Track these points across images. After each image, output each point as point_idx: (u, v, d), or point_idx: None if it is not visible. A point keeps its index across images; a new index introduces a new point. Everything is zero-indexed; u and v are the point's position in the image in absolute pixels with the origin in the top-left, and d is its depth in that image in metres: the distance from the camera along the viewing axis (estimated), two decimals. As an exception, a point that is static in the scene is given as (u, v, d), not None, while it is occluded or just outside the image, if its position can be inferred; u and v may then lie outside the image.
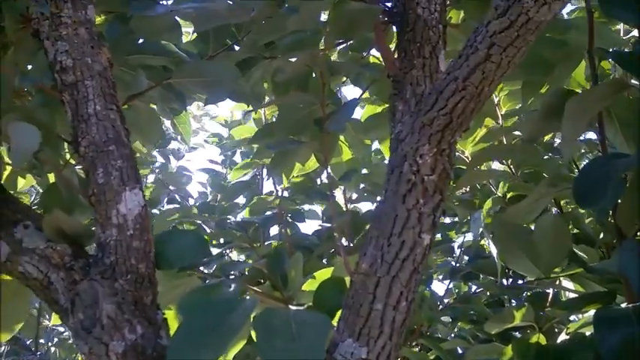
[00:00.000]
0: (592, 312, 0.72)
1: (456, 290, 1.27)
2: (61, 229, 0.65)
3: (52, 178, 0.97)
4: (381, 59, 0.79)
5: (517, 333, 0.97)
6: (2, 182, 0.75)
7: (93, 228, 0.64)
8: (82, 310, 0.58)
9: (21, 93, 0.92)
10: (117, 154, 0.63)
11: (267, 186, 1.71)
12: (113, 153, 0.63)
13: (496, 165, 1.17)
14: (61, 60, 0.66)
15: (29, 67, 0.83)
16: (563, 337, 0.82)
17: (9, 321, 0.73)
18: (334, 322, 0.63)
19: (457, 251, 1.33)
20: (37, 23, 0.68)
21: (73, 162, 0.82)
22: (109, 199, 0.62)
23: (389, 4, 0.77)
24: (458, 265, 1.22)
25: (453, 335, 0.99)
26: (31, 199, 1.80)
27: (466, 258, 1.26)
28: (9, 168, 1.09)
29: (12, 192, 0.79)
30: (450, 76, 0.55)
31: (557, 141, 1.39)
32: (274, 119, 1.24)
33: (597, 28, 0.77)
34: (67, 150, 0.94)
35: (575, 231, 0.92)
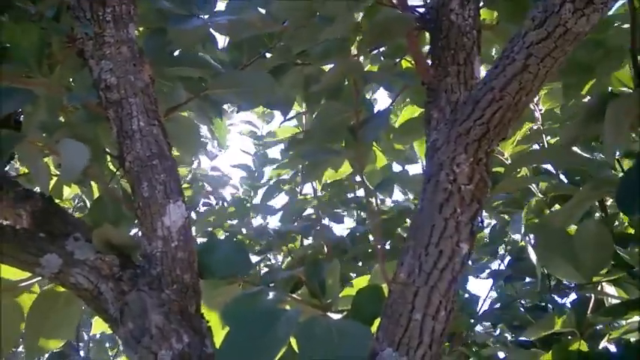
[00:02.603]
0: (635, 318, 0.70)
1: (499, 291, 1.26)
2: (109, 241, 0.68)
3: (96, 187, 1.01)
4: (414, 65, 0.79)
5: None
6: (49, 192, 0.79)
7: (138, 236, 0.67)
8: (131, 320, 0.61)
9: (66, 109, 0.96)
10: (160, 168, 0.66)
11: (307, 186, 1.71)
12: (157, 167, 0.66)
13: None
14: (106, 78, 0.69)
15: (73, 82, 0.87)
16: (605, 343, 0.80)
17: (61, 329, 0.77)
18: (372, 330, 0.64)
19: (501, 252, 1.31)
20: (82, 43, 0.71)
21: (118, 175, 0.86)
22: (154, 212, 0.64)
23: (421, 10, 0.77)
24: (500, 267, 1.20)
25: (492, 340, 0.98)
26: (74, 204, 1.87)
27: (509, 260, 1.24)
28: (55, 178, 1.14)
29: (58, 200, 0.83)
30: (487, 86, 0.55)
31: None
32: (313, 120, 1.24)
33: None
34: (109, 162, 0.98)
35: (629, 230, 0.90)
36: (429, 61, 0.73)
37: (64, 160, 0.65)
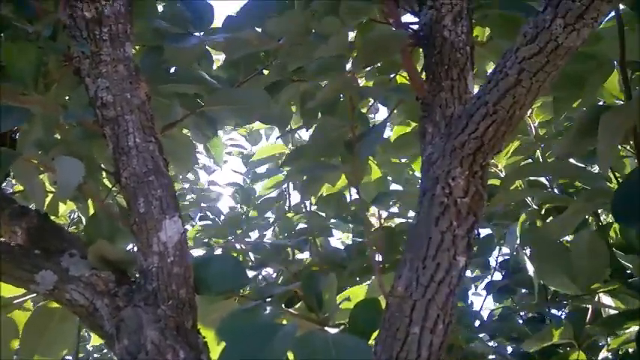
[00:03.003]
0: (634, 328, 0.71)
1: (496, 304, 1.26)
2: (104, 257, 0.68)
3: (91, 204, 1.01)
4: (409, 81, 0.80)
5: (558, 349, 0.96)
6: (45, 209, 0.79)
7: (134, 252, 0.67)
8: (127, 336, 0.61)
9: (62, 126, 0.96)
10: (157, 184, 0.66)
11: (294, 198, 1.73)
12: (153, 183, 0.66)
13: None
14: (102, 96, 0.69)
15: (68, 98, 0.87)
16: (604, 354, 0.80)
17: (56, 346, 0.76)
18: (370, 343, 0.64)
19: (493, 264, 1.31)
20: (78, 62, 0.72)
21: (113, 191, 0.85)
22: (150, 228, 0.64)
23: (415, 27, 0.78)
24: (493, 279, 1.20)
25: (491, 353, 0.98)
26: (69, 219, 1.86)
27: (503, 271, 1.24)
28: (50, 195, 1.13)
29: (53, 217, 0.83)
30: (480, 101, 0.56)
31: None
32: (303, 137, 1.26)
33: (629, 38, 0.76)
34: (105, 178, 0.98)
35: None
36: (423, 77, 0.74)
37: (59, 176, 0.65)
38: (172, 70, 0.95)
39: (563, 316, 0.99)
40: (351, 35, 0.90)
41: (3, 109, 0.66)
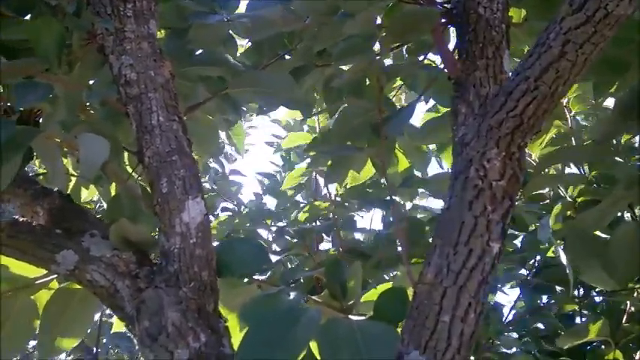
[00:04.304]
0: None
1: (524, 302, 1.21)
2: (126, 238, 0.66)
3: (114, 189, 1.00)
4: (439, 62, 0.77)
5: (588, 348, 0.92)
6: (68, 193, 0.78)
7: (157, 236, 0.65)
8: (148, 318, 0.59)
9: (85, 108, 0.95)
10: (180, 164, 0.64)
11: (323, 190, 1.71)
12: (176, 163, 0.64)
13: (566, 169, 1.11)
14: (126, 74, 0.68)
15: (92, 82, 0.86)
16: (643, 353, 0.76)
17: (75, 328, 0.75)
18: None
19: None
20: (102, 39, 0.71)
21: (136, 174, 0.84)
22: (172, 208, 0.63)
23: (447, 5, 0.75)
24: (529, 276, 1.16)
25: (518, 350, 0.94)
26: (94, 208, 1.87)
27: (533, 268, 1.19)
28: (74, 179, 1.13)
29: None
30: (520, 76, 0.52)
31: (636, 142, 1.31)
32: (329, 126, 1.24)
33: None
34: (127, 162, 0.97)
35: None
36: (456, 56, 0.71)
37: (82, 154, 0.63)
38: (197, 53, 0.94)
39: (597, 314, 0.95)
40: (379, 18, 0.87)
41: (26, 84, 0.65)
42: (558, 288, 1.04)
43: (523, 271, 1.15)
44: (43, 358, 0.71)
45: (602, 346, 0.81)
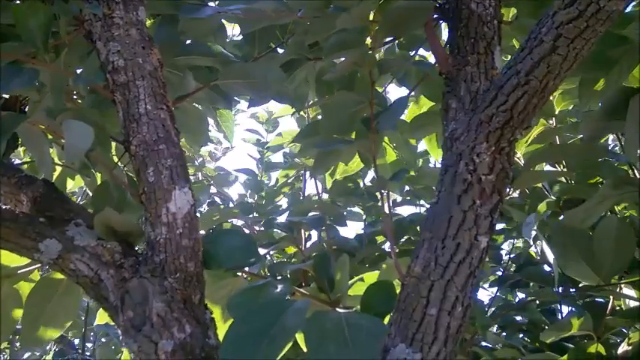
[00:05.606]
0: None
1: (503, 298, 1.22)
2: (111, 227, 0.65)
3: (100, 178, 0.99)
4: (430, 58, 0.77)
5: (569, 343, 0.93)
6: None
7: (143, 226, 0.65)
8: (132, 308, 0.58)
9: (71, 96, 0.94)
10: (167, 153, 0.63)
11: (309, 188, 1.71)
12: (163, 152, 0.63)
13: (549, 167, 1.12)
14: (113, 60, 0.66)
15: (79, 70, 0.85)
16: (624, 347, 0.77)
17: (59, 318, 0.74)
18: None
19: (505, 258, 1.28)
20: (90, 25, 0.69)
21: (122, 163, 0.83)
22: (159, 198, 0.62)
23: (439, 0, 0.75)
24: (506, 272, 1.17)
25: (501, 345, 0.95)
26: (77, 201, 1.85)
27: (514, 265, 1.21)
28: (59, 169, 1.11)
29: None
30: (512, 70, 0.52)
31: (611, 143, 1.33)
32: (318, 119, 1.24)
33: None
34: (115, 152, 0.96)
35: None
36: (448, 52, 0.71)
37: (67, 140, 0.62)
38: (187, 43, 0.93)
39: (573, 310, 0.95)
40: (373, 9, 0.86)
41: (12, 69, 0.64)
42: (533, 284, 1.05)
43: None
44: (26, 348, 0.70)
45: (585, 340, 0.82)
